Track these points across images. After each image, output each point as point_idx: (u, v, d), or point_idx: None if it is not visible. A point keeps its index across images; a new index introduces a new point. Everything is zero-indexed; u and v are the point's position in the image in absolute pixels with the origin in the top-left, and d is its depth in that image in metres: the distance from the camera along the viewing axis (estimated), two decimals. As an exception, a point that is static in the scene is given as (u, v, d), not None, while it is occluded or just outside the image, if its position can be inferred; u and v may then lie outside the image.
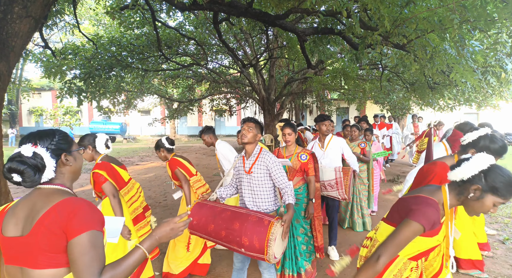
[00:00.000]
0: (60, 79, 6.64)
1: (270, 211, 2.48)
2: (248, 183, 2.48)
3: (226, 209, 2.30)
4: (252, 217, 2.14)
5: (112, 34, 8.69)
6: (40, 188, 1.16)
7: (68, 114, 20.56)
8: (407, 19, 3.05)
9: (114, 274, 1.06)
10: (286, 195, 2.35)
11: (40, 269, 1.05)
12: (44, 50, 7.01)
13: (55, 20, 6.41)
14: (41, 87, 27.09)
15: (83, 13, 15.81)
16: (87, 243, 1.04)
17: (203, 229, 2.27)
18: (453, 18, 2.67)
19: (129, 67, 7.84)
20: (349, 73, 6.23)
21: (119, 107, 12.25)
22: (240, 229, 2.09)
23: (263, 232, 2.02)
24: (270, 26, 6.13)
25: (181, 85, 14.38)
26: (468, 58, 3.78)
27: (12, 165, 1.08)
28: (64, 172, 1.22)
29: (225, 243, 2.17)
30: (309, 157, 3.11)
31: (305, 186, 3.19)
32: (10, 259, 1.09)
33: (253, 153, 2.48)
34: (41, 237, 1.04)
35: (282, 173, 2.41)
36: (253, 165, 2.45)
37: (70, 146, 1.24)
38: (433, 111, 9.58)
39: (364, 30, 3.59)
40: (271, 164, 2.40)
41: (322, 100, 15.56)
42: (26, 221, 1.08)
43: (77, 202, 1.09)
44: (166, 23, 8.55)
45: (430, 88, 5.96)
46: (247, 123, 2.46)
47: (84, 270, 1.02)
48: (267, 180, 2.44)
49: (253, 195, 2.47)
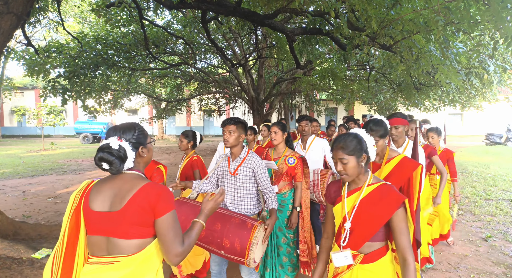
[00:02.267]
0: (43, 78, 6.47)
1: (251, 214, 2.43)
2: (232, 185, 2.43)
3: None
4: (235, 219, 2.09)
5: (98, 32, 8.53)
6: (124, 173, 1.36)
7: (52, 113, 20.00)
8: (394, 20, 3.10)
9: (189, 242, 1.34)
10: (270, 200, 2.33)
11: (129, 239, 1.26)
12: (26, 48, 6.83)
13: (38, 17, 6.25)
14: (23, 86, 26.40)
15: (68, 10, 15.48)
16: (171, 220, 1.29)
17: (181, 227, 2.21)
18: (438, 20, 2.73)
19: (115, 65, 7.72)
20: (338, 74, 6.29)
21: (105, 106, 12.03)
22: (222, 230, 2.04)
23: (246, 235, 1.98)
24: (259, 26, 6.14)
25: (169, 84, 14.25)
26: (452, 60, 3.87)
27: (104, 156, 1.28)
28: (140, 162, 1.43)
29: (204, 244, 2.11)
30: (297, 161, 2.91)
31: (291, 191, 2.98)
32: (97, 230, 1.29)
33: (240, 155, 2.42)
34: (133, 213, 1.25)
35: (267, 177, 2.38)
36: (238, 167, 2.40)
37: (146, 140, 1.43)
38: (419, 111, 9.77)
39: (352, 31, 3.63)
40: (257, 168, 2.36)
41: (311, 100, 15.65)
42: (115, 199, 1.29)
43: (158, 186, 1.32)
44: (154, 22, 8.47)
45: (416, 89, 6.08)
46: (226, 126, 2.36)
47: (172, 241, 1.27)
48: (252, 183, 2.41)
49: (236, 197, 2.42)
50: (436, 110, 9.90)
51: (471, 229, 4.58)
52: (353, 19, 3.84)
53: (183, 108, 15.15)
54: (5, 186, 7.63)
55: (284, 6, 4.08)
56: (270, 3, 4.08)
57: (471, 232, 4.46)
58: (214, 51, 10.73)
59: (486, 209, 5.46)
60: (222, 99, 17.35)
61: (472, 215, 5.18)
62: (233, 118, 2.39)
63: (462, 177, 8.18)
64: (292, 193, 2.97)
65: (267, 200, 2.35)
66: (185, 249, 1.30)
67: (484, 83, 5.00)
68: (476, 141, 18.93)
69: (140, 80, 13.07)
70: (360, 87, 9.18)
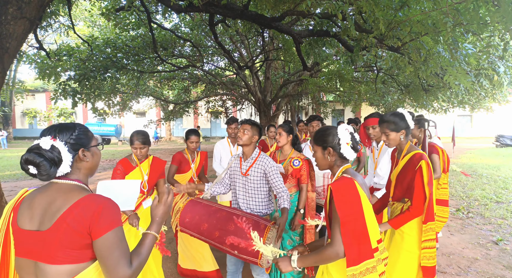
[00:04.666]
0: (54, 81, 6.61)
1: (263, 214, 2.45)
2: (243, 185, 2.46)
3: (221, 209, 2.25)
4: (248, 220, 2.11)
5: (107, 36, 8.68)
6: (57, 183, 1.14)
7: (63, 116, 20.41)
8: (402, 22, 3.09)
9: (140, 261, 1.13)
10: (282, 199, 2.33)
11: (57, 264, 1.05)
12: (38, 52, 6.97)
13: (50, 21, 6.39)
14: (35, 88, 26.89)
15: (78, 14, 15.75)
16: (115, 239, 1.07)
17: (196, 227, 2.22)
18: (447, 21, 2.71)
19: (124, 68, 7.83)
20: (345, 75, 6.27)
21: (114, 108, 12.19)
22: (235, 231, 2.05)
23: (259, 236, 1.96)
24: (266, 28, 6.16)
25: (176, 86, 14.36)
26: (461, 61, 3.84)
27: (29, 157, 1.07)
28: (80, 168, 1.20)
29: (218, 244, 2.13)
30: (302, 163, 2.89)
31: (296, 193, 2.98)
32: (24, 252, 1.09)
33: (252, 156, 2.46)
34: (63, 234, 1.04)
35: (279, 178, 2.40)
36: (250, 167, 2.42)
37: (89, 142, 1.22)
38: (427, 113, 9.67)
39: (359, 33, 3.62)
40: (269, 169, 2.38)
41: (317, 102, 15.61)
42: (44, 216, 1.08)
43: (99, 200, 1.09)
44: (162, 25, 8.56)
45: (424, 90, 6.03)
46: (242, 125, 2.44)
47: (117, 264, 1.06)
48: (263, 183, 2.43)
49: (247, 197, 2.45)
50: (445, 112, 9.79)
51: (481, 232, 4.51)
52: (360, 21, 3.83)
53: (191, 110, 15.24)
54: (17, 187, 7.77)
55: (291, 8, 4.09)
56: (277, 5, 4.09)
57: (481, 235, 4.39)
58: (221, 53, 10.79)
59: (496, 212, 5.37)
60: (229, 101, 17.41)
61: (483, 218, 5.10)
62: (250, 119, 2.48)
63: (472, 179, 8.06)
64: (297, 195, 2.96)
65: (280, 199, 2.35)
66: (135, 271, 1.10)
67: (494, 84, 4.94)
68: (486, 143, 18.63)
69: (148, 82, 13.19)
70: (367, 88, 9.13)
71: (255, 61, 11.24)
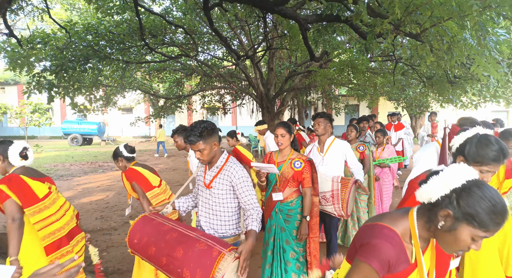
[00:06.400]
0: (27, 72, 6.63)
1: (231, 235, 2.28)
2: (206, 200, 2.29)
3: (174, 229, 2.06)
4: (201, 244, 1.91)
5: (88, 21, 8.73)
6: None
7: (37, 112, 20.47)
8: (421, 5, 3.09)
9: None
10: (250, 219, 2.14)
11: None
12: (8, 39, 7.00)
13: (21, 4, 6.45)
14: (5, 81, 27.11)
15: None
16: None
17: (144, 251, 2.08)
18: (472, 4, 2.72)
19: (107, 58, 7.87)
20: (358, 66, 6.29)
21: (96, 104, 12.23)
22: (183, 258, 1.88)
23: (209, 266, 1.80)
24: (268, 13, 6.18)
25: (168, 79, 14.44)
26: (492, 49, 3.83)
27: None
28: None
29: (167, 272, 1.96)
30: (304, 165, 2.90)
31: (299, 199, 2.98)
32: None
33: (217, 164, 2.28)
34: None
35: (249, 191, 2.22)
36: (214, 178, 2.25)
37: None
38: (455, 108, 9.64)
39: (373, 18, 3.63)
40: (236, 179, 2.20)
41: (328, 97, 15.64)
42: None
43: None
44: (150, 9, 8.61)
45: (450, 83, 6.03)
46: (191, 146, 2.19)
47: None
48: (230, 198, 2.25)
49: (211, 215, 2.28)
50: (475, 107, 9.74)
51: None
52: (374, 4, 3.84)
53: (184, 106, 15.31)
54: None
55: (296, -10, 4.11)
56: (280, -14, 4.12)
57: None
58: (218, 41, 10.82)
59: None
60: (227, 96, 17.47)
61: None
62: (196, 131, 2.13)
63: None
64: (300, 201, 2.98)
65: (247, 219, 2.16)
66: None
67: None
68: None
69: (136, 74, 13.27)
70: (384, 81, 9.13)
71: (256, 50, 11.27)
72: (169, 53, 11.44)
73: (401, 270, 1.23)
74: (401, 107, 12.64)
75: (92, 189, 8.32)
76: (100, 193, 7.86)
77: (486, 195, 1.11)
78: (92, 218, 5.94)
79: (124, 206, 6.54)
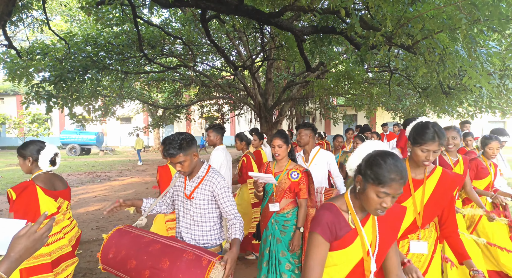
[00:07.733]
0: (26, 83, 6.69)
1: (212, 245, 2.29)
2: (188, 210, 2.28)
3: (155, 240, 2.04)
4: (188, 254, 1.91)
5: (87, 32, 8.83)
6: None
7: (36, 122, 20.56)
8: (412, 18, 3.17)
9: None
10: (233, 228, 2.17)
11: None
12: (8, 50, 7.06)
13: (21, 16, 6.53)
14: (4, 91, 27.23)
15: (54, 7, 16.02)
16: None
17: (121, 265, 2.00)
18: (461, 18, 2.79)
19: (106, 69, 7.96)
20: (355, 77, 6.37)
21: (95, 114, 12.31)
22: (171, 269, 1.85)
23: (199, 275, 1.81)
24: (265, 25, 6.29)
25: (166, 89, 14.53)
26: (484, 61, 3.90)
27: None
28: None
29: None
30: (301, 176, 2.91)
31: (295, 210, 2.98)
32: None
33: (198, 175, 2.27)
34: None
35: (230, 202, 2.24)
36: (195, 188, 2.25)
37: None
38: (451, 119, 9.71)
39: (366, 30, 3.72)
40: (218, 190, 2.21)
41: (326, 107, 15.74)
42: None
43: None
44: (149, 20, 8.72)
45: (445, 94, 6.10)
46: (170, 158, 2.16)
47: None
48: (212, 208, 2.26)
49: (192, 226, 2.28)
50: (471, 118, 9.81)
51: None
52: (367, 16, 3.93)
53: (182, 116, 15.39)
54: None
55: (290, 3, 4.21)
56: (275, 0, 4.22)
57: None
58: (217, 52, 10.96)
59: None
60: (225, 106, 17.57)
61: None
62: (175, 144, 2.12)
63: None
64: (296, 212, 2.97)
65: (230, 228, 2.19)
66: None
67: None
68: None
69: (134, 84, 13.38)
70: (381, 91, 9.22)
71: (254, 61, 11.39)
72: (167, 64, 11.55)
73: (343, 234, 1.44)
74: (398, 116, 12.73)
75: (89, 199, 8.31)
76: (96, 204, 7.84)
77: (382, 158, 1.38)
78: (88, 229, 5.93)
79: (120, 216, 6.53)
